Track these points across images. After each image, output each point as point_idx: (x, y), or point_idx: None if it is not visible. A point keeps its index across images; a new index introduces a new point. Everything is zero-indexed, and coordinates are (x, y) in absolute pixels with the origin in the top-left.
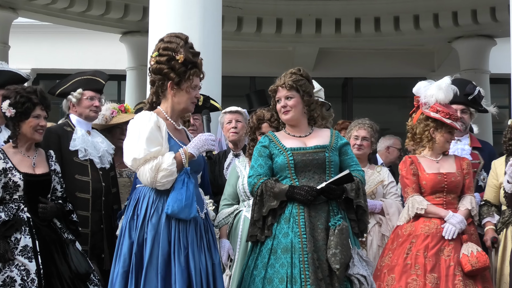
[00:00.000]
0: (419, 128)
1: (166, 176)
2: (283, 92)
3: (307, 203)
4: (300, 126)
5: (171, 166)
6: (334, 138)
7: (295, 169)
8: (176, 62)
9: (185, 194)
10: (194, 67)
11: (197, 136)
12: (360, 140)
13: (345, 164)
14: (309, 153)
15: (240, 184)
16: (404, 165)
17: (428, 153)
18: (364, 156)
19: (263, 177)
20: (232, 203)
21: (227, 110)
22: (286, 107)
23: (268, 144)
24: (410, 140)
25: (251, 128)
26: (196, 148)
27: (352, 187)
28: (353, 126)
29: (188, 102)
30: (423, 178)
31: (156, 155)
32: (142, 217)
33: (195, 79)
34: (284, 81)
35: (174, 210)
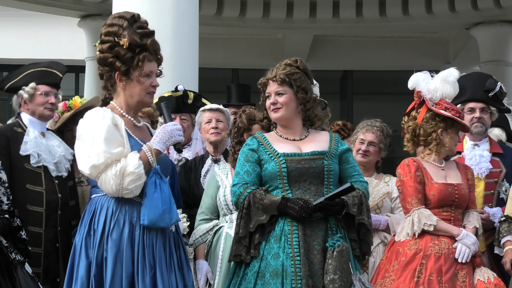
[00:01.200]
0: (425, 128)
1: (134, 181)
2: (274, 86)
3: (300, 219)
4: (293, 127)
5: (138, 168)
6: (334, 143)
7: (288, 178)
8: (120, 48)
9: (161, 198)
10: (143, 51)
11: (159, 128)
12: (366, 145)
13: (346, 173)
14: (305, 160)
15: (220, 195)
16: (408, 170)
17: (432, 158)
18: (370, 164)
19: (250, 186)
20: (210, 217)
21: (206, 107)
22: (276, 104)
23: (257, 147)
24: (409, 142)
25: (238, 130)
26: (162, 142)
27: (354, 201)
28: (359, 128)
29: (143, 93)
30: (431, 188)
31: (118, 157)
32: (100, 233)
33: (148, 65)
34: (276, 74)
35: (151, 219)
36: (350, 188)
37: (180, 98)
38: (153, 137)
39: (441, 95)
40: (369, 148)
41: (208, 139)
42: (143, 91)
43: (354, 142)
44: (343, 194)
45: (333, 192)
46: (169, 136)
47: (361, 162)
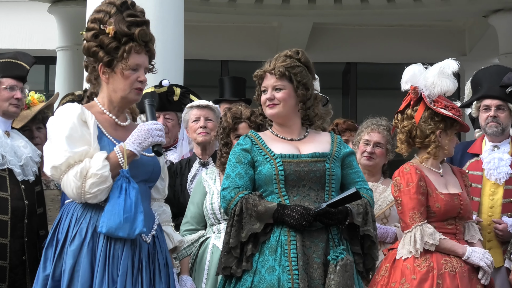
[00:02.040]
0: (423, 129)
1: (97, 184)
2: (271, 80)
3: (300, 229)
4: (290, 126)
5: (102, 169)
6: (336, 145)
7: (286, 183)
8: (105, 36)
9: (124, 204)
10: (130, 41)
11: (137, 127)
12: (372, 146)
13: (349, 179)
14: (305, 163)
15: (207, 203)
16: (410, 179)
17: (430, 163)
18: (377, 168)
19: (242, 190)
20: (196, 227)
21: (194, 104)
22: (273, 100)
23: (250, 147)
24: (403, 144)
25: (224, 130)
26: (137, 142)
27: (359, 210)
28: (363, 128)
29: (127, 88)
30: (436, 199)
31: (81, 157)
32: (61, 242)
33: (135, 57)
34: (274, 66)
35: (110, 227)
36: (355, 195)
37: (164, 94)
38: (129, 137)
39: (439, 91)
40: (375, 150)
41: (195, 140)
42: (127, 86)
43: (357, 143)
44: (347, 201)
45: (337, 198)
46: (146, 136)
47: (366, 166)
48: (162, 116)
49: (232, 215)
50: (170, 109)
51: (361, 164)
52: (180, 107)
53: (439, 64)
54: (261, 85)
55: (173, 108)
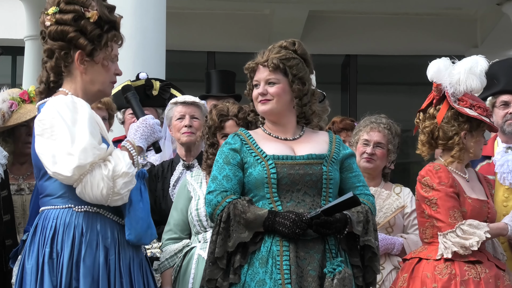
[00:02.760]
0: (446, 130)
1: (127, 184)
2: (264, 73)
3: (293, 237)
4: (284, 124)
5: (131, 168)
6: (335, 145)
7: (278, 187)
8: (87, 21)
9: (146, 209)
10: (112, 29)
11: (139, 122)
12: (372, 147)
13: (348, 184)
14: (300, 165)
15: (192, 209)
16: (444, 177)
17: (455, 166)
18: (377, 171)
19: (230, 194)
20: (180, 236)
21: (179, 100)
22: (266, 95)
23: (240, 147)
24: (425, 145)
25: (209, 128)
26: (143, 138)
27: (359, 218)
28: (362, 127)
29: (107, 81)
30: (463, 203)
31: (106, 156)
32: (67, 256)
33: (115, 47)
34: (268, 58)
35: (138, 234)
36: (353, 200)
37: (141, 88)
38: (132, 132)
39: (465, 89)
40: (376, 151)
41: (179, 140)
42: (107, 78)
43: (355, 144)
44: (345, 207)
45: (333, 203)
46: (151, 132)
47: (366, 169)
48: None
49: (218, 222)
50: (149, 104)
51: (360, 167)
52: (159, 103)
53: (467, 61)
54: (253, 78)
55: (152, 104)
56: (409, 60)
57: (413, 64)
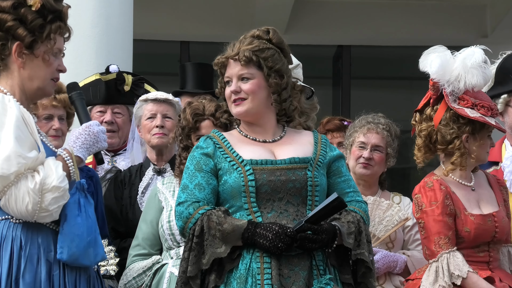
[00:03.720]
0: (445, 133)
1: (57, 200)
2: (236, 68)
3: (275, 252)
4: (263, 124)
5: (64, 182)
6: (320, 147)
7: (257, 195)
8: (28, 9)
9: (86, 225)
10: (57, 20)
11: (81, 128)
12: (370, 150)
13: (337, 190)
14: (281, 171)
15: (164, 221)
16: (434, 197)
17: (458, 174)
18: (374, 178)
19: (203, 205)
20: (149, 252)
21: (149, 96)
22: (240, 92)
23: (213, 151)
24: (421, 150)
25: (182, 129)
26: (84, 147)
27: (349, 229)
28: (357, 127)
29: (48, 77)
30: (465, 222)
31: (34, 165)
32: (5, 273)
33: (59, 40)
34: (238, 50)
35: (73, 253)
36: (339, 203)
37: (112, 83)
38: (72, 139)
39: (464, 86)
40: (373, 155)
41: (149, 142)
42: (48, 75)
43: (349, 147)
44: (331, 212)
45: (316, 209)
46: (95, 141)
47: (362, 175)
48: (110, 111)
49: (190, 237)
50: (120, 101)
51: (355, 173)
52: (132, 99)
53: (463, 53)
54: (224, 75)
55: (123, 101)
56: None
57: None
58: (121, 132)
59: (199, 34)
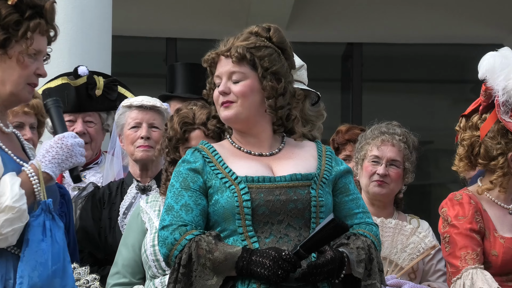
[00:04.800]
0: (489, 147)
1: (12, 222)
2: (227, 66)
3: (275, 282)
4: (256, 134)
5: (20, 200)
6: (325, 161)
7: (254, 218)
8: (3, 3)
9: (52, 252)
10: (37, 16)
11: (53, 140)
12: (385, 165)
13: (344, 210)
14: (281, 189)
15: (147, 245)
16: (462, 210)
17: (496, 195)
18: (390, 197)
19: (191, 229)
20: (130, 281)
21: (134, 102)
22: (229, 94)
23: (202, 166)
24: (463, 161)
25: (169, 141)
26: (55, 162)
27: (359, 256)
28: (370, 139)
29: (22, 81)
30: (493, 244)
31: None
32: None
33: (39, 40)
34: (231, 47)
35: (35, 283)
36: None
37: (83, 88)
38: (41, 152)
39: None
40: (389, 171)
41: (132, 155)
42: (23, 79)
43: (360, 161)
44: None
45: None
46: (68, 155)
47: (377, 195)
48: (81, 120)
49: (176, 266)
50: (92, 108)
51: (368, 192)
52: (104, 105)
53: None
54: (213, 74)
55: (95, 107)
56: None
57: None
58: (94, 144)
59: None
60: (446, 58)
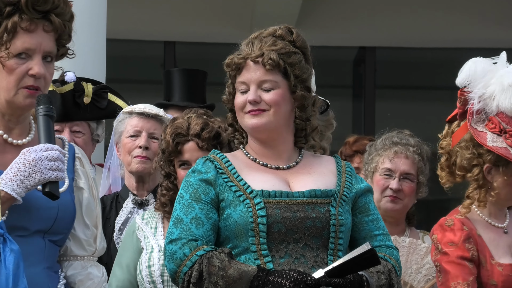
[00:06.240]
0: (463, 157)
1: None
2: (257, 73)
3: None
4: (278, 145)
5: None
6: (345, 177)
7: (269, 236)
8: None
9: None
10: (16, 12)
11: (20, 154)
12: (398, 179)
13: (364, 231)
14: (298, 206)
15: (143, 265)
16: (453, 236)
17: (488, 213)
18: (403, 213)
19: (202, 245)
20: None
21: (135, 109)
22: (259, 103)
23: (214, 177)
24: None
25: (163, 153)
26: (17, 180)
27: (380, 281)
28: (381, 150)
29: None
30: (491, 273)
31: None
32: None
33: (23, 38)
34: (262, 52)
35: None
36: (371, 256)
37: (70, 95)
38: (6, 170)
39: (497, 107)
40: (403, 185)
41: (128, 166)
42: (12, 84)
43: (370, 174)
44: (358, 266)
45: (341, 260)
46: (31, 171)
47: (389, 211)
48: (68, 129)
49: (185, 284)
50: (80, 117)
51: (380, 208)
52: (93, 114)
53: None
54: (235, 78)
55: (83, 116)
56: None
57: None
58: None
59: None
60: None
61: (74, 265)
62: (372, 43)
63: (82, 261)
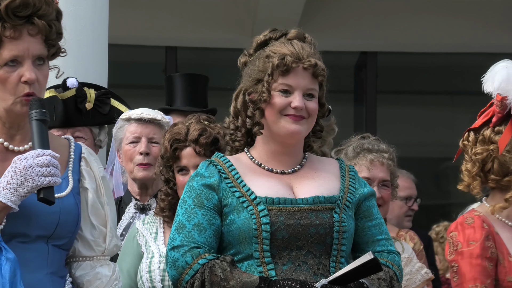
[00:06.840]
0: (505, 162)
1: None
2: (305, 80)
3: None
4: (292, 153)
5: None
6: (348, 181)
7: (272, 243)
8: None
9: None
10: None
11: (12, 162)
12: (377, 187)
13: (367, 236)
14: (302, 213)
15: (143, 271)
16: (473, 235)
17: (506, 215)
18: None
19: (204, 253)
20: None
21: (133, 115)
22: (301, 110)
23: (218, 182)
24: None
25: (162, 159)
26: (10, 188)
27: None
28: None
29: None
30: (508, 270)
31: None
32: None
33: (9, 46)
34: (315, 63)
35: None
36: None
37: (71, 101)
38: (1, 179)
39: None
40: (382, 192)
41: (131, 173)
42: (7, 94)
43: None
44: (361, 274)
45: (344, 270)
46: (23, 178)
47: None
48: (70, 135)
49: None
50: (82, 123)
51: None
52: (95, 119)
53: None
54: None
55: (85, 122)
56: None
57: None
58: None
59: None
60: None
61: (83, 266)
62: (374, 48)
63: (91, 261)
